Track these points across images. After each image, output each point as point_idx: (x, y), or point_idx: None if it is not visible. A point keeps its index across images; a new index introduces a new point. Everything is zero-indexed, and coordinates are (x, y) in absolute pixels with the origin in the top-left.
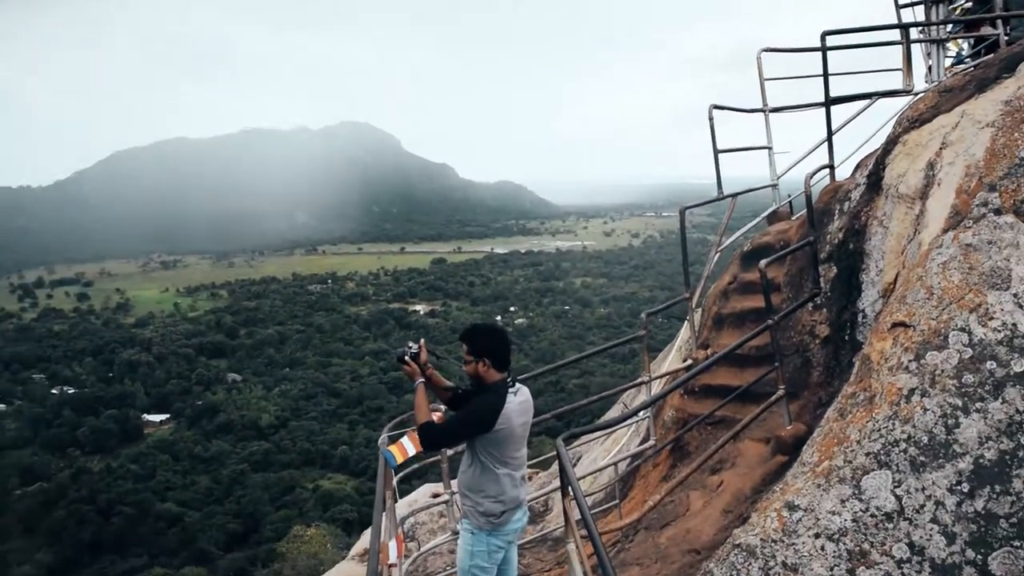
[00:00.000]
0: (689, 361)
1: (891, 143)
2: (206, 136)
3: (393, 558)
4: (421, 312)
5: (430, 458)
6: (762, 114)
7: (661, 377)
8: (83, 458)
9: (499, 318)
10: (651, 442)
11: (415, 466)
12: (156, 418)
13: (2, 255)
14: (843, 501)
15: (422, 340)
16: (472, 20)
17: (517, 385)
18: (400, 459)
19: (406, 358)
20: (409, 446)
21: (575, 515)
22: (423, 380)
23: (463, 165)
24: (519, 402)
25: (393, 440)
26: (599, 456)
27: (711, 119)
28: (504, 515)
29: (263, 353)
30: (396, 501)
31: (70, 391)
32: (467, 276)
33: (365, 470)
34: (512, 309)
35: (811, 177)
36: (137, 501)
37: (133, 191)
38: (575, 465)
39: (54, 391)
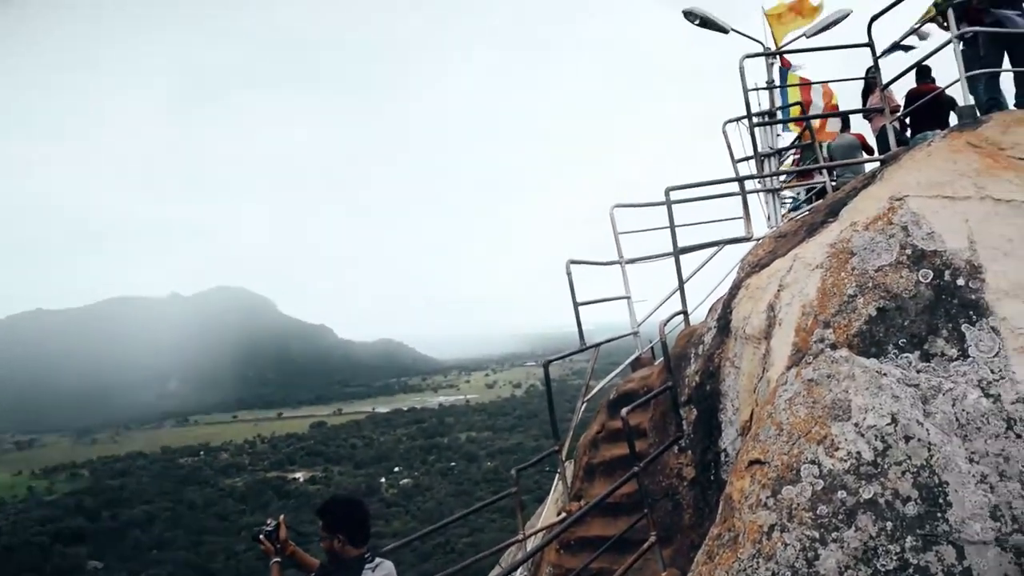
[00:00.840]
0: (563, 514)
1: (736, 287)
2: (67, 307)
3: None
4: (301, 479)
5: None
6: (619, 266)
7: (536, 533)
8: None
9: (383, 480)
10: None
11: None
12: None
13: None
14: None
15: (282, 516)
16: (344, 182)
17: (377, 560)
18: None
19: (260, 537)
20: None
21: None
22: (278, 560)
23: (341, 325)
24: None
25: None
26: None
27: (569, 274)
28: None
29: (128, 536)
30: None
31: None
32: (348, 438)
33: None
34: (396, 469)
35: (665, 324)
36: None
37: None
38: None
39: None
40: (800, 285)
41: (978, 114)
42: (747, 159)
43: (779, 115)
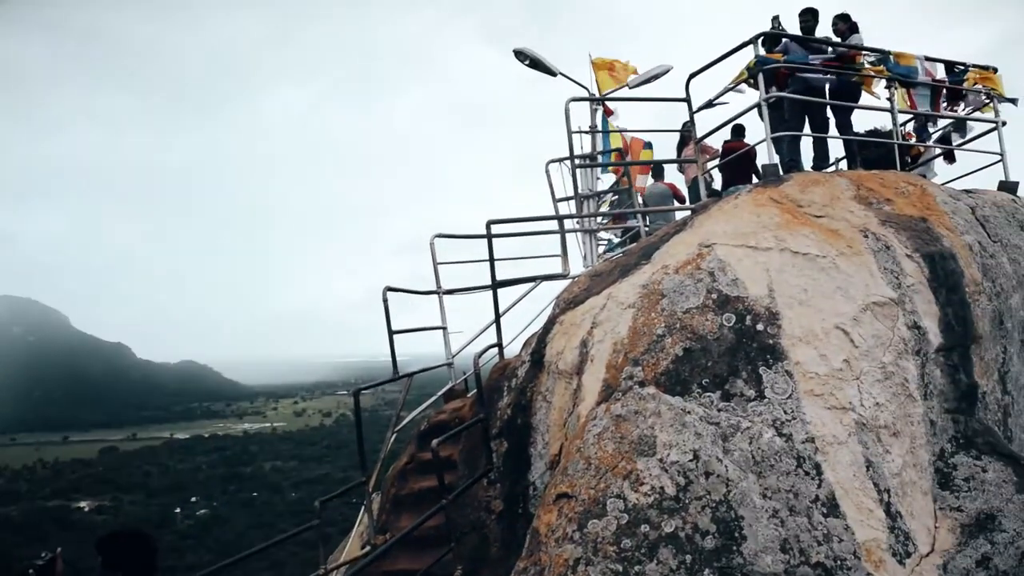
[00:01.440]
0: (368, 548)
1: (550, 323)
2: None
3: None
4: (86, 509)
5: None
6: (436, 296)
7: (339, 567)
8: None
9: (178, 510)
10: None
11: None
12: None
13: None
14: None
15: (58, 550)
16: (156, 195)
17: None
18: None
19: (31, 572)
20: None
21: None
22: None
23: (141, 345)
24: None
25: None
26: None
27: (385, 301)
28: None
29: None
30: None
31: None
32: (142, 465)
33: None
34: (194, 499)
35: (480, 356)
36: None
37: None
38: None
39: None
40: (613, 323)
41: (780, 172)
42: (568, 199)
43: (599, 159)
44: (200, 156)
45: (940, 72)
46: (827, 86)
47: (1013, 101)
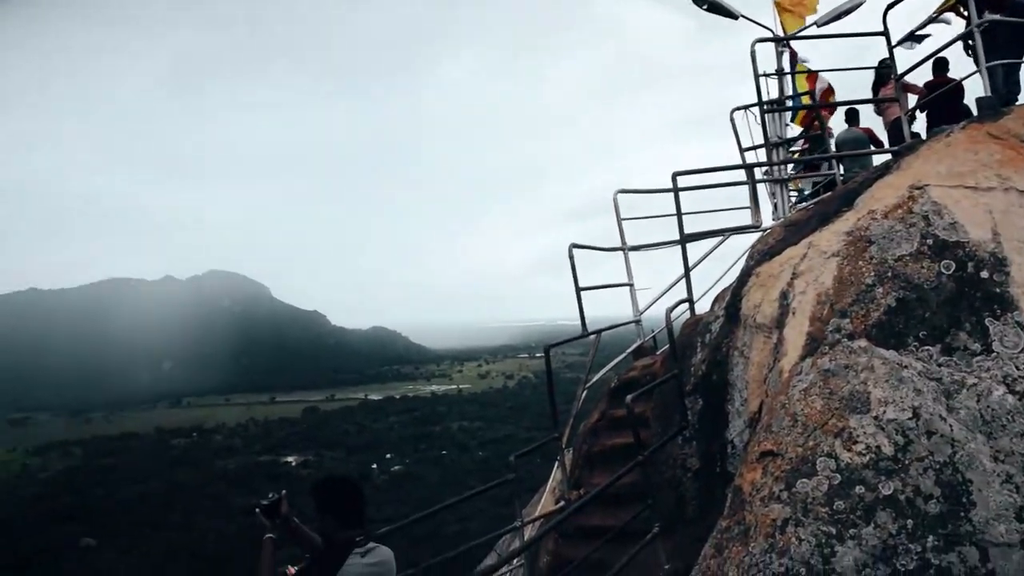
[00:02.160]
0: (562, 503)
1: (745, 275)
2: (62, 287)
3: None
4: (293, 463)
5: None
6: (621, 253)
7: (534, 521)
8: None
9: (375, 466)
10: None
11: None
12: None
13: None
14: None
15: (283, 492)
16: (342, 170)
17: (370, 545)
18: None
19: (258, 510)
20: None
21: None
22: (271, 536)
23: (335, 312)
24: (366, 564)
25: None
26: None
27: (571, 258)
28: None
29: (121, 515)
30: None
31: None
32: (341, 424)
33: None
34: (388, 456)
35: (671, 311)
36: None
37: None
38: None
39: None
40: (815, 273)
41: (998, 106)
42: (756, 147)
43: (788, 104)
44: (380, 130)
45: None
46: None
47: None
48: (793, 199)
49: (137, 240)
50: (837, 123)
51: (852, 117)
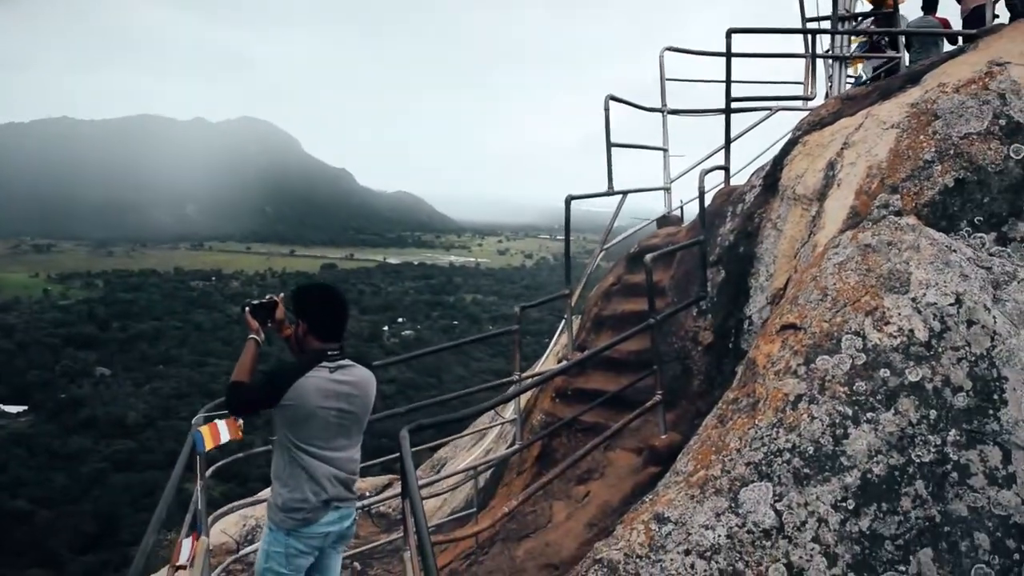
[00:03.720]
0: (564, 363)
1: (791, 144)
2: (95, 118)
3: (184, 559)
4: None
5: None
6: (660, 115)
7: (532, 377)
8: None
9: (386, 328)
10: (516, 445)
11: (233, 457)
12: (13, 409)
13: None
14: (718, 515)
15: (280, 295)
16: (386, 30)
17: (345, 362)
18: (210, 444)
19: (247, 309)
20: (224, 430)
21: (430, 519)
22: (256, 338)
23: (362, 172)
24: (336, 381)
25: (209, 422)
26: (460, 464)
27: (607, 109)
28: (305, 514)
29: (136, 348)
30: (202, 491)
31: None
32: (357, 284)
33: (236, 475)
34: (400, 320)
35: (706, 174)
36: None
37: (7, 169)
38: (438, 472)
39: None
40: (869, 144)
41: None
42: (821, 19)
43: None
44: None
45: None
46: None
47: None
48: (850, 84)
49: (173, 77)
50: (912, 10)
51: (929, 5)
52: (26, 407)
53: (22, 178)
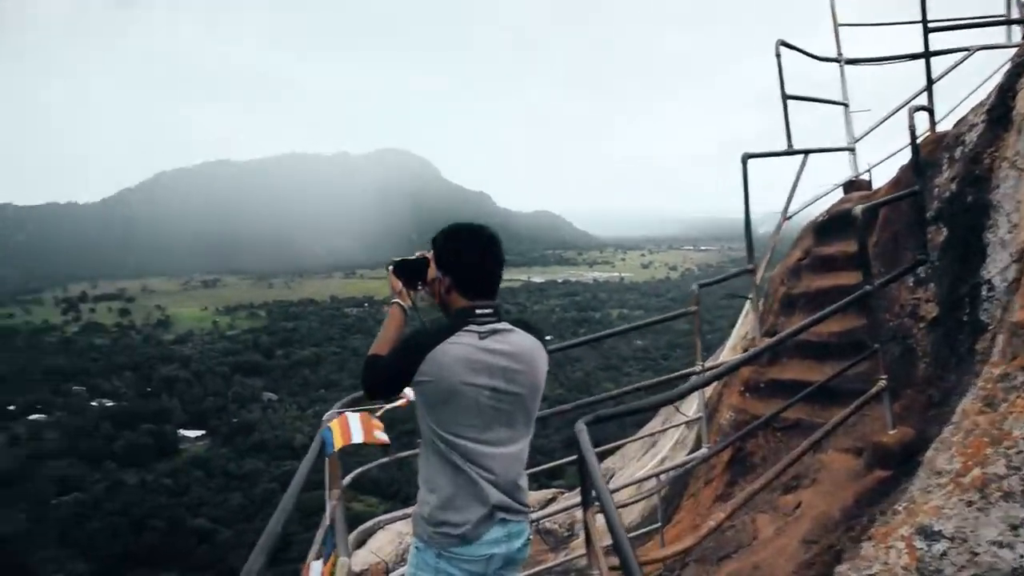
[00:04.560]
0: (751, 350)
1: (1021, 66)
2: (250, 159)
3: None
4: None
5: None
6: (836, 65)
7: (716, 367)
8: (119, 471)
9: None
10: (703, 450)
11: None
12: (192, 434)
13: (48, 268)
14: (1015, 527)
15: (430, 252)
16: (515, 52)
17: (501, 325)
18: (339, 442)
19: (391, 268)
20: (356, 427)
21: (602, 538)
22: (401, 303)
23: (501, 194)
24: (488, 351)
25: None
26: (637, 474)
27: (778, 56)
28: (461, 530)
29: (299, 374)
30: (340, 500)
31: (109, 404)
32: (503, 303)
33: (397, 493)
34: (548, 338)
35: (915, 112)
36: (170, 516)
37: (177, 210)
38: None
39: (93, 404)
40: None
41: None
42: None
43: None
44: (556, 14)
45: None
46: None
47: None
48: None
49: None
50: None
51: None
52: (204, 431)
53: (190, 219)
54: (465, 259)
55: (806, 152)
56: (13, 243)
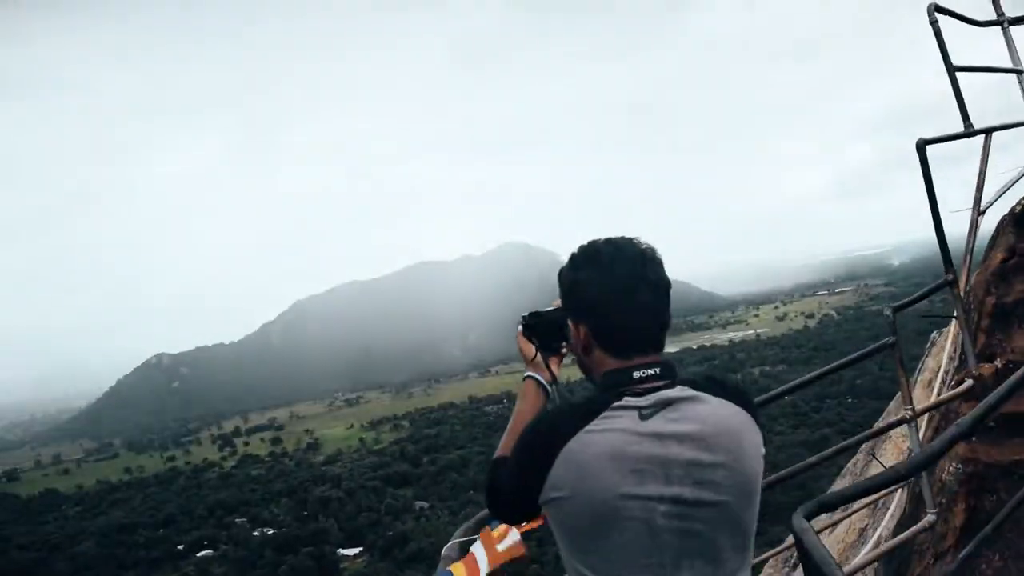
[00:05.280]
0: (969, 382)
1: None
2: (376, 276)
3: None
4: None
5: None
6: (999, 28)
7: (928, 411)
8: None
9: None
10: (929, 517)
11: None
12: (350, 552)
13: (203, 408)
14: None
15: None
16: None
17: (676, 392)
18: None
19: (521, 325)
20: (483, 559)
21: None
22: (536, 376)
23: None
24: (656, 436)
25: (466, 550)
26: (853, 560)
27: (934, 23)
28: None
29: (447, 478)
30: None
31: (270, 532)
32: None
33: None
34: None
35: None
36: None
37: (314, 336)
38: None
39: (256, 533)
40: None
41: None
42: None
43: None
44: (648, 89)
45: None
46: None
47: None
48: None
49: (434, 221)
50: None
51: None
52: (361, 548)
53: (328, 342)
54: (603, 293)
55: (988, 131)
56: (169, 390)
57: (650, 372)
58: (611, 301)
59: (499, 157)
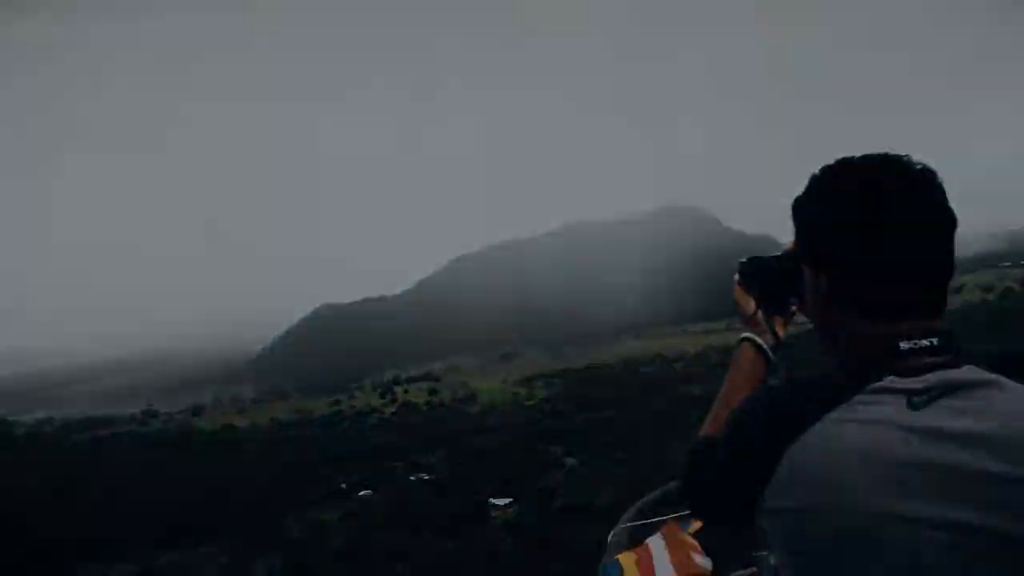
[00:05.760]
0: None
1: None
2: (531, 236)
3: None
4: None
5: None
6: None
7: None
8: (436, 540)
9: None
10: None
11: None
12: (501, 501)
13: (365, 357)
14: None
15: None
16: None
17: (962, 374)
18: None
19: (737, 275)
20: (663, 564)
21: None
22: (755, 337)
23: (786, 234)
24: (933, 433)
25: (639, 539)
26: None
27: None
28: None
29: (598, 438)
30: None
31: (425, 478)
32: (794, 352)
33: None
34: None
35: None
36: None
37: (469, 293)
38: None
39: (412, 478)
40: None
41: None
42: None
43: None
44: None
45: None
46: None
47: None
48: None
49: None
50: None
51: None
52: (511, 499)
53: (481, 299)
54: (856, 232)
55: None
56: (336, 337)
57: (924, 343)
58: (867, 243)
59: (661, 117)
